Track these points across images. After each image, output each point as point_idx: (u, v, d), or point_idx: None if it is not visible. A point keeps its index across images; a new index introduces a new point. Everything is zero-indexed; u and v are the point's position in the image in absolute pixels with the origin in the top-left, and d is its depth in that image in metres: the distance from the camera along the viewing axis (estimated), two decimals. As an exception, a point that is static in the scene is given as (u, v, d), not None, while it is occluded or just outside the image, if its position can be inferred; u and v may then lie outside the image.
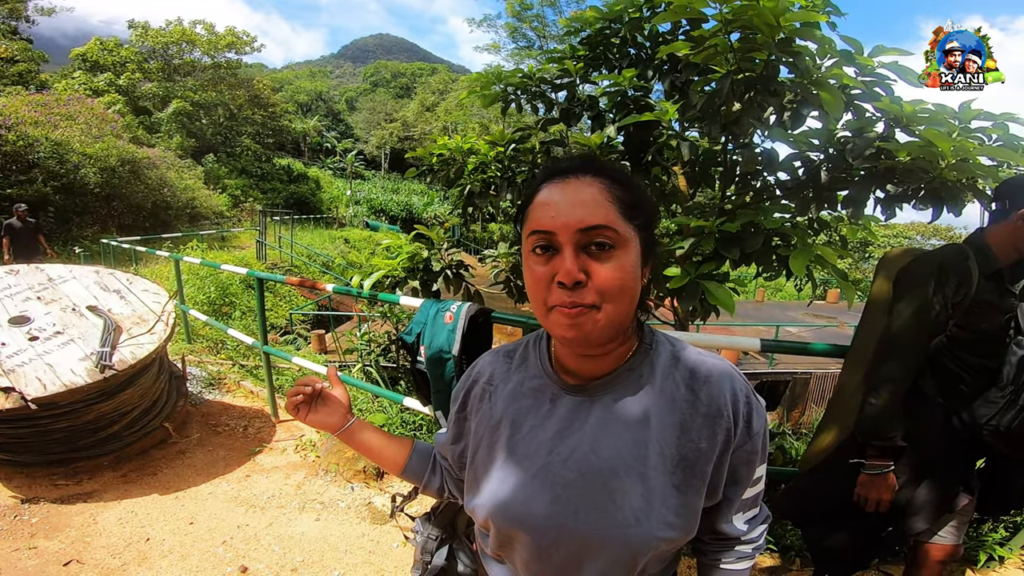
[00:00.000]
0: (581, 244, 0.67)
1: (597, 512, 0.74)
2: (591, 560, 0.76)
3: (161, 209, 16.97)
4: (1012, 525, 2.52)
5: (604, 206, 0.68)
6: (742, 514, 0.83)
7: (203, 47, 26.76)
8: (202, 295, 7.87)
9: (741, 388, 0.77)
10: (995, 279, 1.44)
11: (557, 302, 0.67)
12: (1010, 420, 1.42)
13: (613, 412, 0.76)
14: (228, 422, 3.57)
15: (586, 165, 0.72)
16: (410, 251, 2.61)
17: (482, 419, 0.86)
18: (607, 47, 2.84)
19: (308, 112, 54.95)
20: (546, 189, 0.71)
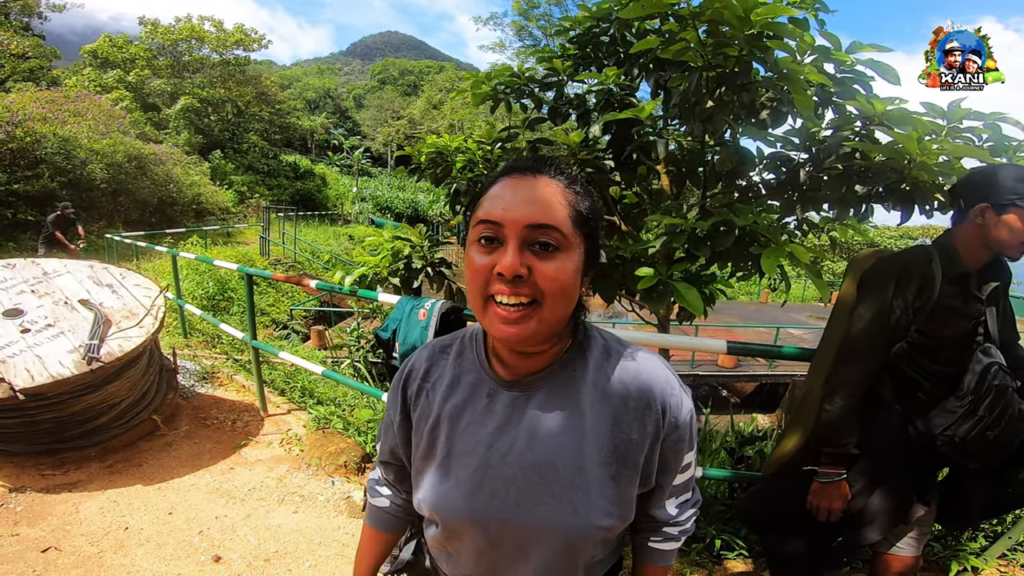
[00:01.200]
0: (527, 241, 0.67)
1: (538, 505, 0.77)
2: (536, 550, 0.79)
3: (167, 205, 17.14)
4: (992, 535, 2.48)
5: (555, 207, 0.68)
6: (674, 499, 0.88)
7: (212, 44, 26.97)
8: (201, 290, 7.94)
9: (669, 381, 0.80)
10: (960, 283, 1.38)
11: (495, 292, 0.68)
12: (966, 431, 1.36)
13: (549, 407, 0.78)
14: (217, 415, 3.61)
15: (544, 165, 0.73)
16: (392, 249, 2.63)
17: (421, 416, 0.86)
18: (596, 46, 2.84)
19: (316, 109, 55.15)
20: (502, 183, 0.72)
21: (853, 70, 2.02)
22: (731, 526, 2.45)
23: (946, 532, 2.44)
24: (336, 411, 3.60)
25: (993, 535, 2.48)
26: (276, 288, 10.78)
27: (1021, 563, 2.39)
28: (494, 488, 0.78)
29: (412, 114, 50.26)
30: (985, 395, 1.35)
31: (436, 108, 46.96)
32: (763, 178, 2.50)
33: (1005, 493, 1.55)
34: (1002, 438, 1.36)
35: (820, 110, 2.17)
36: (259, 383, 3.67)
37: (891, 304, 1.39)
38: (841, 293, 1.63)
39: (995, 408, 1.35)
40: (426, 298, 2.23)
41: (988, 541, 2.44)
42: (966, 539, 2.45)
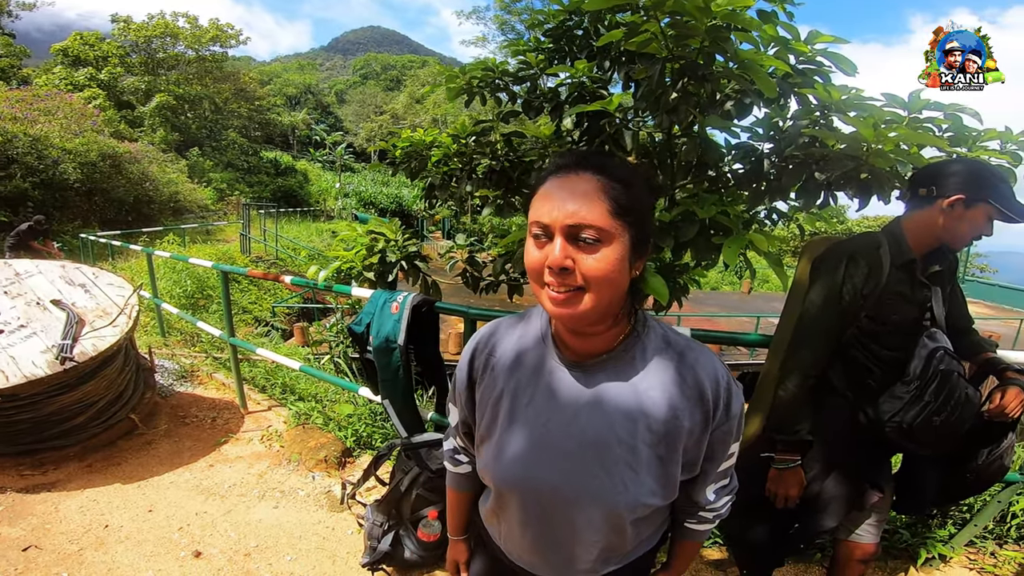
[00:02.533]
0: (571, 236, 0.74)
1: (590, 479, 0.83)
2: (583, 521, 0.86)
3: (143, 203, 16.82)
4: (961, 522, 2.49)
5: (595, 204, 0.73)
6: (714, 485, 0.94)
7: (187, 41, 26.49)
8: (178, 289, 7.85)
9: (723, 374, 0.86)
10: (907, 269, 1.40)
11: (548, 282, 0.75)
12: (913, 416, 1.36)
13: (608, 389, 0.84)
14: (197, 413, 3.59)
15: (586, 161, 0.78)
16: (366, 243, 2.63)
17: (486, 389, 0.93)
18: (569, 39, 2.86)
19: (297, 105, 54.44)
20: (549, 182, 0.78)
21: (812, 60, 2.07)
22: None
23: (914, 520, 2.46)
24: (316, 407, 3.60)
25: (961, 522, 2.49)
26: (258, 286, 10.68)
27: (990, 550, 2.42)
28: (551, 459, 0.85)
29: (395, 109, 49.83)
30: (931, 380, 1.36)
31: (419, 103, 46.59)
32: (731, 168, 2.55)
33: (963, 479, 1.55)
34: (948, 423, 1.36)
35: (783, 100, 2.21)
36: (238, 380, 3.66)
37: (841, 289, 1.41)
38: (795, 277, 1.67)
39: (940, 393, 1.35)
40: (399, 291, 2.25)
41: (956, 528, 2.46)
42: (934, 527, 2.47)
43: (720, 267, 2.62)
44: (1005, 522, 2.50)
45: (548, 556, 0.92)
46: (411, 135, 3.37)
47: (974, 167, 1.37)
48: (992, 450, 1.49)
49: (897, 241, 1.43)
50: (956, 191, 1.34)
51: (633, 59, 2.45)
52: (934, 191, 1.38)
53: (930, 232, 1.40)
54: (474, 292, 3.14)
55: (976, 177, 1.34)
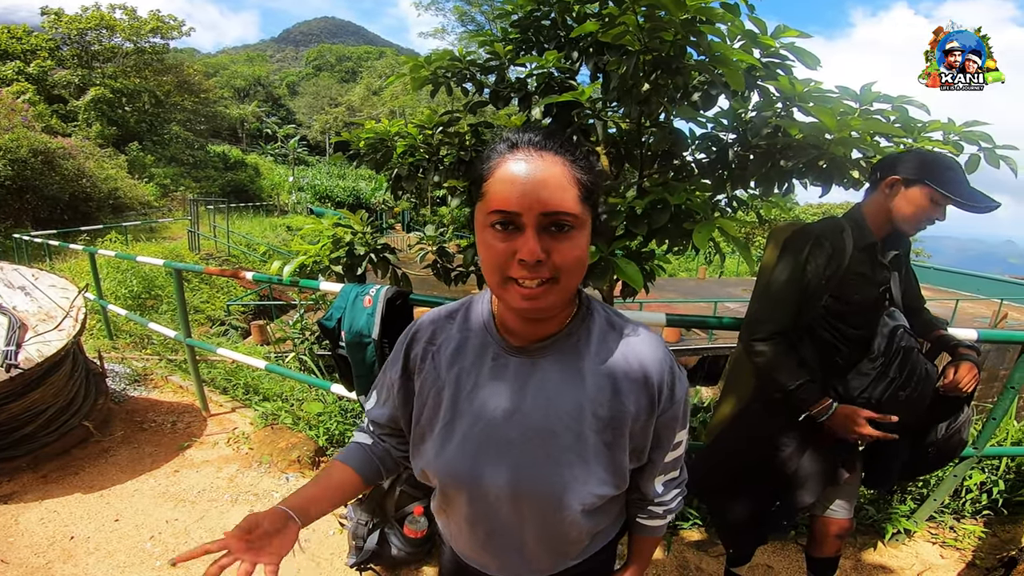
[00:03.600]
0: (543, 225, 0.68)
1: (537, 471, 0.79)
2: (533, 515, 0.82)
3: (80, 201, 15.82)
4: (920, 497, 2.59)
5: (567, 189, 0.69)
6: (663, 476, 0.92)
7: (124, 32, 24.99)
8: (124, 289, 7.45)
9: (666, 357, 0.83)
10: (868, 252, 1.46)
11: (517, 276, 0.69)
12: (881, 392, 1.42)
13: (553, 374, 0.80)
14: (155, 418, 3.43)
15: (549, 141, 0.71)
16: (332, 236, 2.57)
17: (426, 379, 0.86)
18: (537, 30, 2.85)
19: (246, 98, 52.37)
20: (509, 163, 0.69)
21: (777, 55, 2.14)
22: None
23: (877, 496, 2.57)
24: (284, 406, 3.50)
25: (920, 497, 2.60)
26: (210, 284, 10.26)
27: (949, 524, 2.54)
28: (496, 450, 0.80)
29: (351, 101, 48.53)
30: (895, 356, 1.43)
31: (376, 94, 45.54)
32: (696, 158, 2.62)
33: (925, 454, 1.62)
34: (912, 398, 1.43)
35: (747, 92, 2.29)
36: (198, 382, 3.51)
37: (804, 267, 1.46)
38: (763, 261, 1.73)
39: (904, 369, 1.42)
40: (370, 284, 2.20)
41: (916, 503, 2.57)
42: (896, 502, 2.57)
43: (680, 254, 2.70)
44: (960, 496, 2.63)
45: (499, 554, 0.88)
46: (375, 126, 3.30)
47: (920, 154, 1.45)
48: (950, 424, 1.57)
49: (859, 225, 1.49)
50: (893, 172, 1.43)
51: (602, 50, 2.48)
52: (878, 175, 1.47)
53: (882, 215, 1.47)
54: (445, 283, 3.12)
55: (917, 162, 1.41)
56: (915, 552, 2.41)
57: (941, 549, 2.43)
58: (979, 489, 2.61)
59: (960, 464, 2.29)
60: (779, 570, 2.25)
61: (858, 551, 2.39)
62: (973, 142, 1.93)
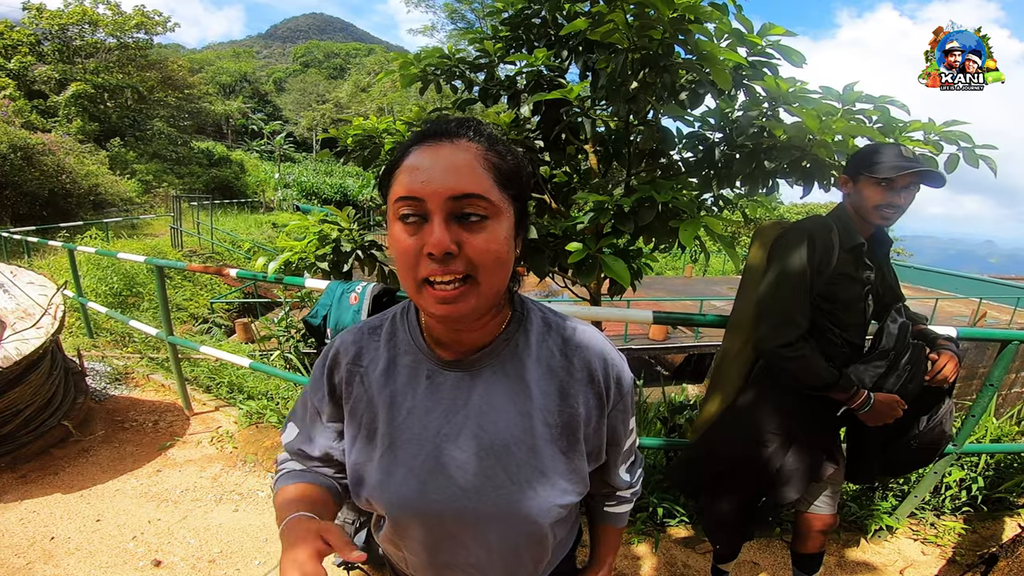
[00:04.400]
0: (452, 213, 0.62)
1: (495, 491, 0.73)
2: (498, 538, 0.76)
3: (60, 197, 15.52)
4: (901, 494, 2.61)
5: (479, 173, 0.63)
6: (624, 464, 0.90)
7: (107, 28, 24.57)
8: (104, 286, 7.32)
9: (609, 350, 0.80)
10: (855, 252, 1.48)
11: (427, 274, 0.62)
12: (892, 384, 1.45)
13: (495, 386, 0.75)
14: (136, 417, 3.38)
15: (461, 128, 0.66)
16: (318, 233, 2.55)
17: (356, 404, 0.79)
18: (528, 28, 2.85)
19: (232, 94, 51.77)
20: (417, 152, 0.64)
21: (763, 53, 2.16)
22: (670, 494, 2.55)
23: (860, 493, 2.59)
24: (269, 405, 3.47)
25: (901, 494, 2.62)
26: (193, 281, 10.12)
27: (930, 521, 2.57)
28: (448, 476, 0.73)
29: (338, 97, 48.21)
30: (904, 351, 1.46)
31: (364, 91, 45.30)
32: (683, 156, 2.64)
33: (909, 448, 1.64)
34: (917, 390, 1.48)
35: (733, 91, 2.31)
36: (180, 381, 3.46)
37: (805, 264, 1.46)
38: (749, 260, 1.73)
39: (912, 362, 1.46)
40: (356, 281, 2.19)
41: (897, 500, 2.59)
42: (878, 499, 2.60)
43: (666, 252, 2.72)
44: (940, 493, 2.66)
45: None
46: (363, 123, 3.27)
47: (857, 150, 1.53)
48: (931, 417, 1.60)
49: (845, 225, 1.51)
50: (845, 173, 1.51)
51: (591, 48, 2.49)
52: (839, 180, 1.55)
53: (856, 214, 1.51)
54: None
55: (854, 157, 1.49)
56: (897, 548, 2.44)
57: (923, 545, 2.46)
58: (958, 486, 2.64)
59: (940, 461, 2.31)
60: (764, 566, 2.27)
61: (841, 547, 2.42)
62: (953, 142, 1.97)
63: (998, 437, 2.92)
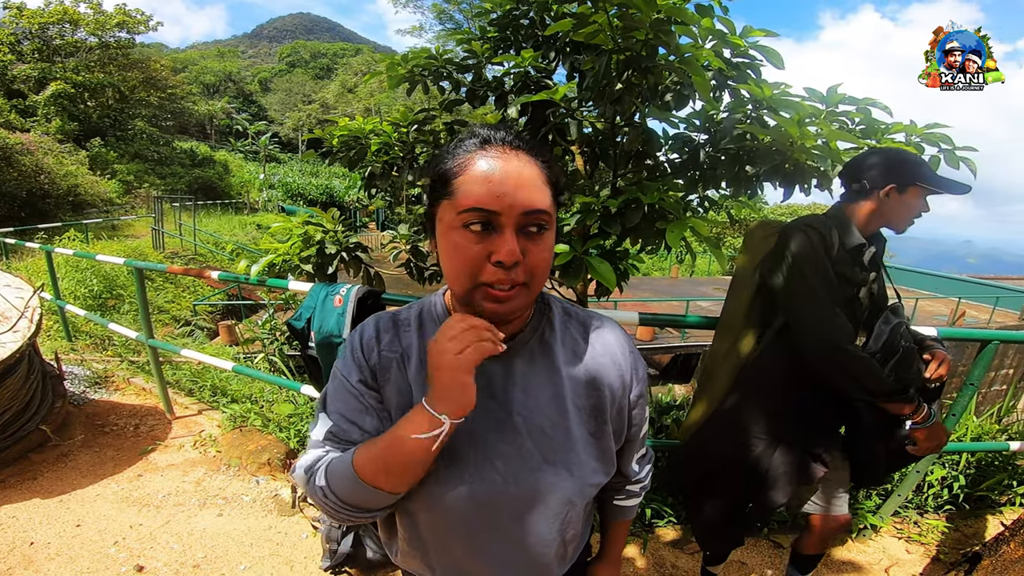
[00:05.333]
0: (520, 225, 0.66)
1: (533, 474, 0.76)
2: (533, 516, 0.79)
3: (38, 198, 15.23)
4: (883, 493, 2.62)
5: (544, 190, 0.68)
6: (636, 454, 0.94)
7: (89, 27, 24.16)
8: (83, 289, 7.18)
9: (626, 340, 0.85)
10: (854, 252, 1.48)
11: (491, 279, 0.66)
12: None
13: (528, 375, 0.78)
14: (116, 421, 3.31)
15: (521, 140, 0.70)
16: (302, 234, 2.51)
17: (392, 390, 0.79)
18: (516, 29, 2.85)
19: (216, 93, 51.20)
20: (483, 159, 0.66)
21: (746, 55, 2.18)
22: (659, 495, 2.55)
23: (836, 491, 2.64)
24: (253, 408, 3.42)
25: (885, 493, 2.62)
26: (175, 283, 9.98)
27: (913, 519, 2.60)
28: (495, 466, 0.76)
29: (325, 98, 47.92)
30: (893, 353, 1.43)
31: (351, 92, 45.03)
32: (668, 158, 2.66)
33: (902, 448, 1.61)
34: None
35: (718, 93, 2.33)
36: (161, 384, 3.40)
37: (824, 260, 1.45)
38: (739, 261, 1.72)
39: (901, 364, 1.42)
40: (341, 284, 2.17)
41: (881, 499, 2.60)
42: (862, 498, 2.61)
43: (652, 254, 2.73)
44: (923, 492, 2.69)
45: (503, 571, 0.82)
46: (349, 123, 3.25)
47: (892, 155, 1.48)
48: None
49: (844, 226, 1.50)
50: (886, 181, 1.44)
51: (578, 50, 2.49)
52: (866, 185, 1.47)
53: (875, 220, 1.48)
54: (419, 282, 3.09)
55: (899, 164, 1.45)
56: (882, 547, 2.46)
57: (907, 544, 2.49)
58: (940, 484, 2.67)
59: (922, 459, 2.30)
60: (752, 566, 2.29)
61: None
62: (934, 143, 2.00)
63: (979, 436, 2.96)
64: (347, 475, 0.71)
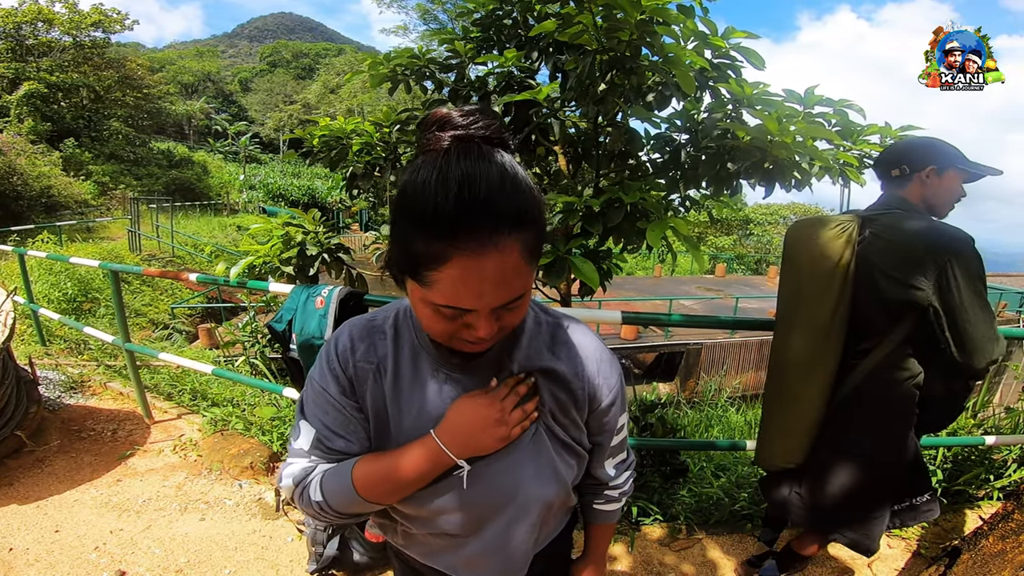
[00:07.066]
0: (497, 310, 0.66)
1: (502, 479, 0.79)
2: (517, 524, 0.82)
3: (11, 200, 14.83)
4: None
5: (523, 273, 0.63)
6: (611, 460, 0.93)
7: (63, 26, 23.58)
8: (57, 292, 7.01)
9: (598, 348, 0.84)
10: None
11: (468, 338, 0.68)
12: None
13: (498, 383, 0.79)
14: (94, 426, 3.24)
15: (502, 220, 0.59)
16: (283, 236, 2.49)
17: (371, 401, 0.80)
18: (499, 29, 2.86)
19: (195, 93, 50.35)
20: (459, 263, 0.58)
21: (727, 55, 2.22)
22: (645, 493, 2.55)
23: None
24: (235, 411, 3.37)
25: None
26: (153, 286, 9.78)
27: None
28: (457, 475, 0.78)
29: (307, 98, 47.42)
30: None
31: (334, 92, 44.61)
32: (650, 158, 2.69)
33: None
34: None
35: (699, 93, 2.36)
36: (139, 388, 3.34)
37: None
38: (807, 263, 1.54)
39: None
40: (322, 285, 2.15)
41: None
42: None
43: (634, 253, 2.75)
44: None
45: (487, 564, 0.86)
46: (330, 123, 3.23)
47: (927, 140, 1.53)
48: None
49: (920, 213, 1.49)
50: (925, 163, 1.47)
51: (562, 50, 2.51)
52: (907, 169, 1.49)
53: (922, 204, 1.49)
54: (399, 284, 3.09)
55: (936, 148, 1.49)
56: (864, 542, 2.52)
57: (888, 539, 2.50)
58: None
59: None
60: (729, 560, 2.31)
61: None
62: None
63: (954, 430, 2.98)
64: (346, 491, 0.76)
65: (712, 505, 2.51)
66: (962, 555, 1.75)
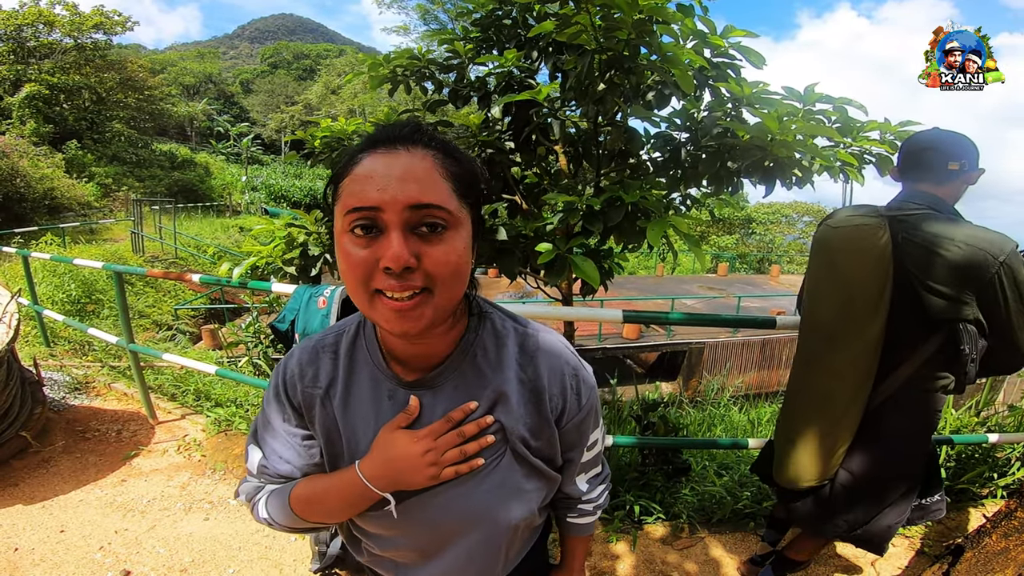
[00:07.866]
0: (410, 224, 0.59)
1: (463, 503, 0.75)
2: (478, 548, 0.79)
3: (14, 202, 14.88)
4: None
5: (438, 183, 0.60)
6: (584, 475, 0.90)
7: (65, 28, 23.65)
8: (61, 294, 7.05)
9: (568, 358, 0.79)
10: None
11: (383, 287, 0.60)
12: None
13: (456, 398, 0.74)
14: (98, 427, 3.26)
15: (416, 134, 0.63)
16: (285, 236, 2.50)
17: (319, 426, 0.78)
18: (498, 29, 2.86)
19: (196, 95, 50.46)
20: (369, 159, 0.61)
21: (726, 54, 2.22)
22: (647, 491, 2.56)
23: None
24: (238, 412, 3.39)
25: None
26: (156, 287, 9.81)
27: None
28: (418, 500, 0.75)
29: (308, 99, 47.48)
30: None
31: (335, 93, 44.66)
32: (651, 156, 2.70)
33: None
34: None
35: (699, 92, 2.36)
36: (143, 389, 3.36)
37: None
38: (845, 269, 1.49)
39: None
40: (325, 285, 2.16)
41: None
42: None
43: (635, 251, 2.76)
44: None
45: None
46: (331, 124, 3.24)
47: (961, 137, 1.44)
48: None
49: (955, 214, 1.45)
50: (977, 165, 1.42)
51: (561, 50, 2.52)
52: (966, 166, 1.40)
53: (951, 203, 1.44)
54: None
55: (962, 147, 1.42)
56: (867, 540, 2.52)
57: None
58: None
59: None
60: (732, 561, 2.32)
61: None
62: (907, 141, 2.05)
63: (958, 428, 2.98)
64: (286, 512, 0.77)
65: (714, 504, 2.51)
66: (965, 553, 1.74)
